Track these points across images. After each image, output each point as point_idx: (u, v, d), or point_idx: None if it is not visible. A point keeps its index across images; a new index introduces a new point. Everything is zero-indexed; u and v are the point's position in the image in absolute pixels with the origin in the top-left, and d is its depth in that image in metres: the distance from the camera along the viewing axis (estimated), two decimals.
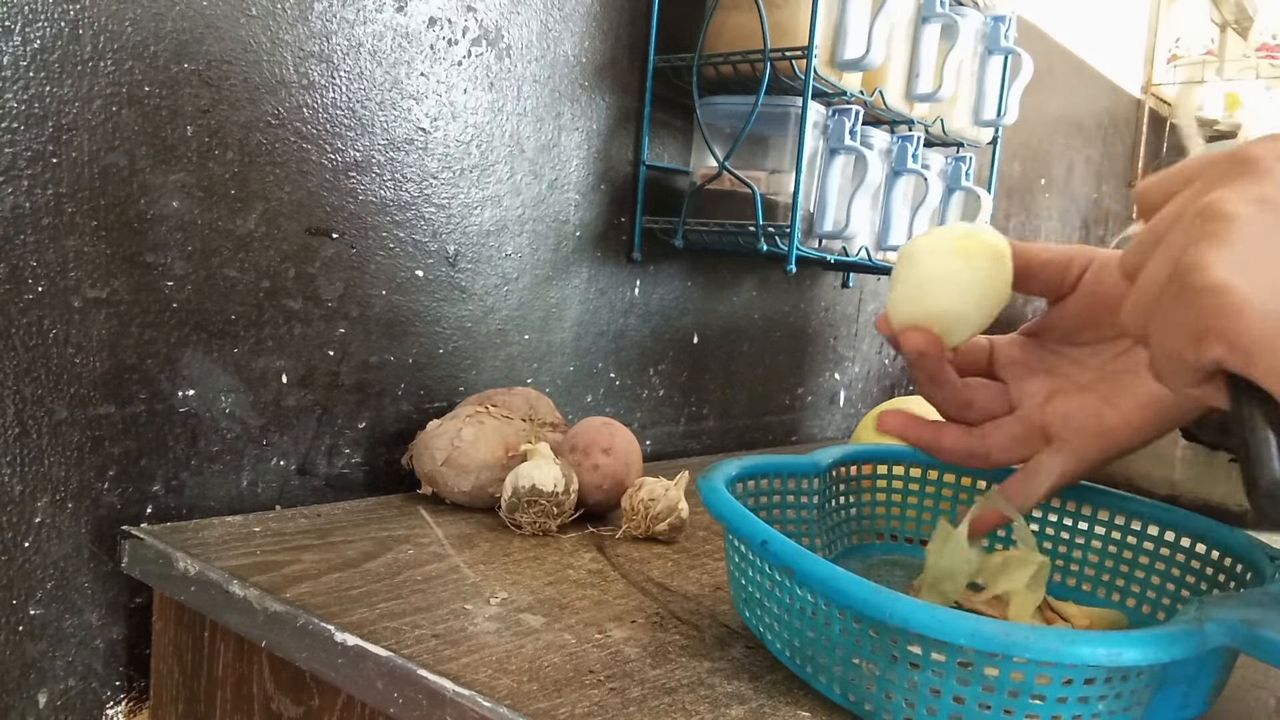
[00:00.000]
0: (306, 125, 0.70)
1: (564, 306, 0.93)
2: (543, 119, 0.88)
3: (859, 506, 0.62)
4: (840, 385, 1.38)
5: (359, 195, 0.74)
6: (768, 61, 0.87)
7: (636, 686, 0.44)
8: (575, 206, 0.92)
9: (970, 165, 1.12)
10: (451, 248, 0.81)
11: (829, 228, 0.94)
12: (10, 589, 0.59)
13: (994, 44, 1.11)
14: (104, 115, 0.59)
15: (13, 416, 0.58)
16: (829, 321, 1.32)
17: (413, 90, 0.76)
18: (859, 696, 0.41)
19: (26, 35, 0.56)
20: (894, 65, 0.99)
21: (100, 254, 0.60)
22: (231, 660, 0.58)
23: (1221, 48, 2.49)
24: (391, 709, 0.46)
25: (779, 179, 0.92)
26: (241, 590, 0.53)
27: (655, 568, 0.62)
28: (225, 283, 0.67)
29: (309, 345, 0.72)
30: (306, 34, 0.69)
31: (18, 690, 0.60)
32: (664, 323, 1.05)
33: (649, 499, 0.67)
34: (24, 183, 0.57)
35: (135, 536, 0.60)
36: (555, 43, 0.88)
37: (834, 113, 0.92)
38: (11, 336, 0.57)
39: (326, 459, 0.75)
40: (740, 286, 1.15)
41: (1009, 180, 1.74)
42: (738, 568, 0.48)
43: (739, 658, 0.49)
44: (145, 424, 0.64)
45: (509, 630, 0.50)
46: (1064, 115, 1.93)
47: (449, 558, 0.61)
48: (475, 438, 0.71)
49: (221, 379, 0.68)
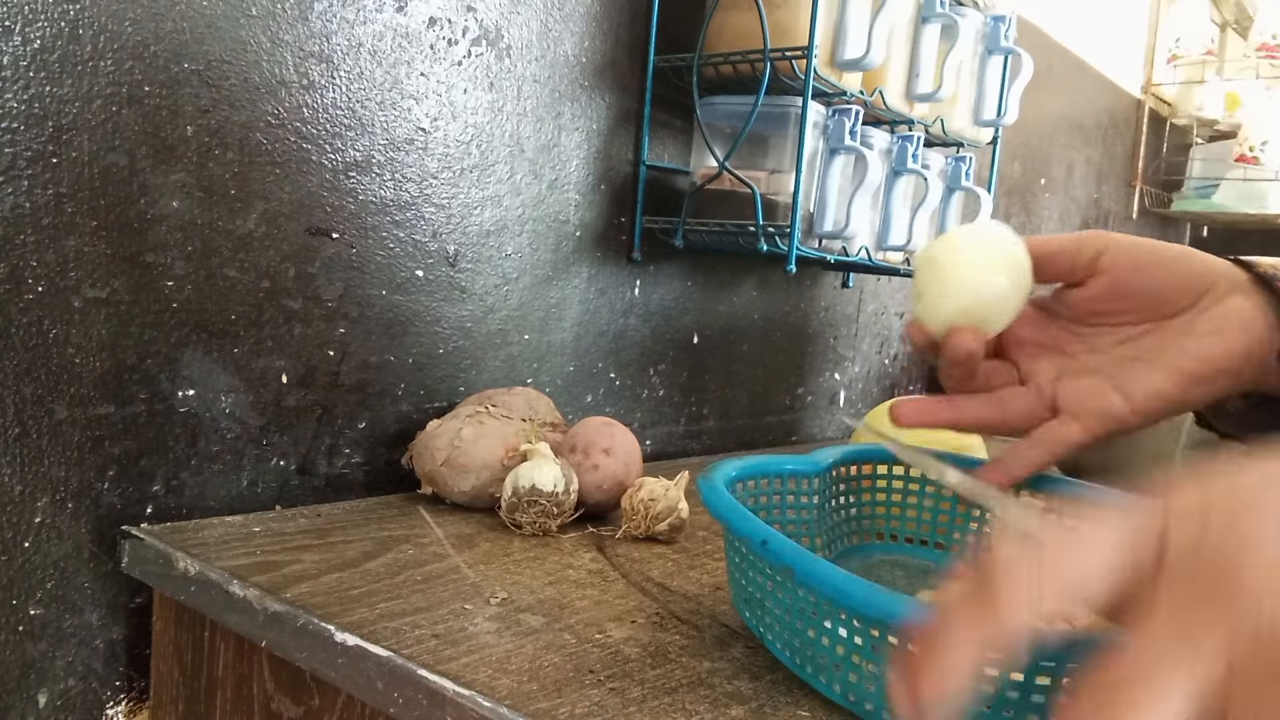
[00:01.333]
0: (306, 125, 0.70)
1: (564, 306, 0.93)
2: (543, 119, 0.88)
3: (859, 506, 0.62)
4: (840, 385, 1.38)
5: (359, 195, 0.74)
6: (768, 61, 0.87)
7: (636, 686, 0.44)
8: (575, 206, 0.92)
9: (970, 165, 1.12)
10: (451, 248, 0.81)
11: (829, 228, 0.94)
12: (10, 589, 0.59)
13: (994, 44, 1.11)
14: (104, 115, 0.59)
15: (13, 416, 0.58)
16: (829, 321, 1.32)
17: (413, 90, 0.76)
18: (859, 696, 0.41)
19: (26, 35, 0.56)
20: (894, 65, 0.99)
21: (100, 254, 0.60)
22: (231, 660, 0.58)
23: (1221, 48, 2.49)
24: (391, 709, 0.46)
25: (779, 179, 0.92)
26: (241, 590, 0.53)
27: (655, 568, 0.62)
28: (225, 283, 0.67)
29: (309, 345, 0.72)
30: (306, 34, 0.69)
31: (18, 690, 0.60)
32: (664, 323, 1.05)
33: (649, 499, 0.67)
34: (24, 183, 0.57)
35: (135, 536, 0.60)
36: (555, 43, 0.88)
37: (834, 113, 0.92)
38: (11, 336, 0.57)
39: (326, 459, 0.75)
40: (740, 286, 1.15)
41: (1009, 180, 1.74)
42: (738, 568, 0.48)
43: (739, 658, 0.49)
44: (145, 424, 0.64)
45: (509, 630, 0.50)
46: (1064, 115, 1.93)
47: (449, 558, 0.61)
48: (475, 438, 0.71)
49: (221, 379, 0.68)
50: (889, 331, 1.47)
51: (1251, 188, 2.36)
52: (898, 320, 1.49)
